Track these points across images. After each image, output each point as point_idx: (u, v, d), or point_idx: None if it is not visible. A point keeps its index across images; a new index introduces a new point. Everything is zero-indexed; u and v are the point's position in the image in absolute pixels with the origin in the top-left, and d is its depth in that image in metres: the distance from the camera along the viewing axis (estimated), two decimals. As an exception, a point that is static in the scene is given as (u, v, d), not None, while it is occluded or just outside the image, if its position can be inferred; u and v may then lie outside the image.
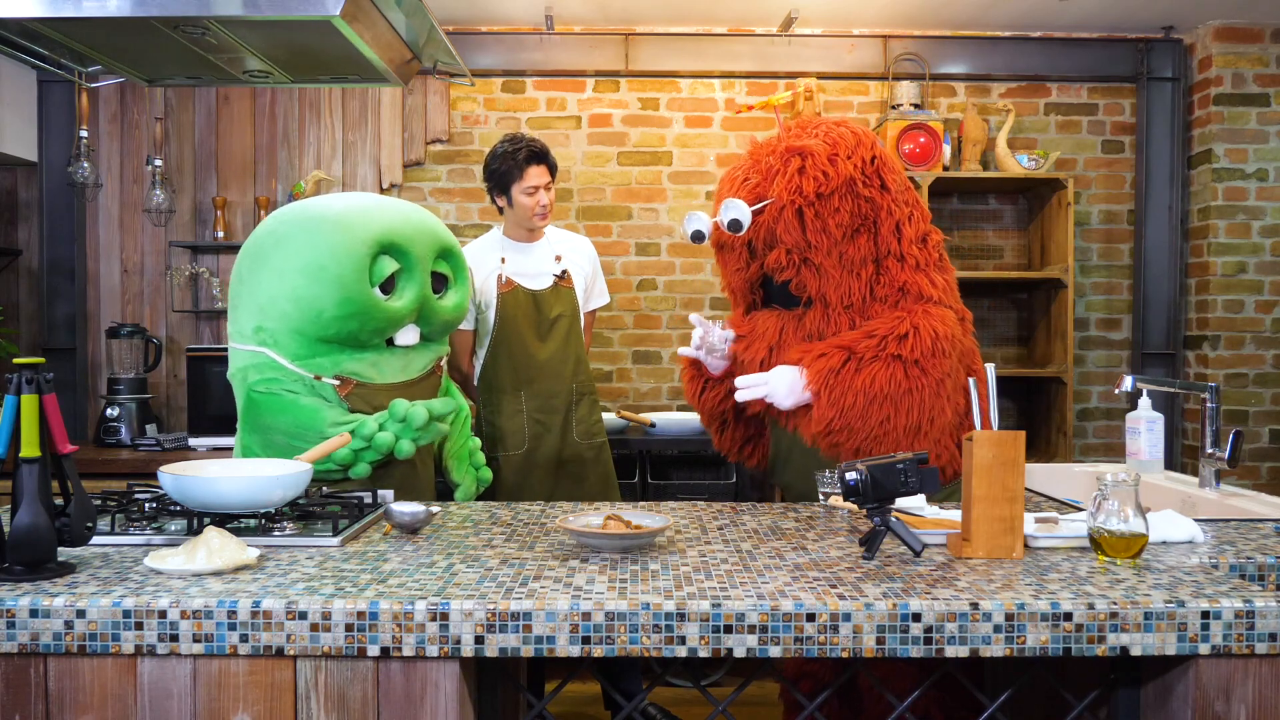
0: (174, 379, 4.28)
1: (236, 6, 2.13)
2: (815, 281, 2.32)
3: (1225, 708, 1.43)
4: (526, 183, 3.01)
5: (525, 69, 4.30)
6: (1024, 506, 1.70)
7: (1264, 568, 1.70)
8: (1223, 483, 2.40)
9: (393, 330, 2.41)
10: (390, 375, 2.42)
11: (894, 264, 2.32)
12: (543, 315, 3.07)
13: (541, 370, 3.05)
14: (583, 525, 1.76)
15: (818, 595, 1.44)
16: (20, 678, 1.41)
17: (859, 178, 2.28)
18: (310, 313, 2.29)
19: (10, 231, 4.29)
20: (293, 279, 2.30)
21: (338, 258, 2.29)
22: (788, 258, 2.31)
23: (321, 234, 2.32)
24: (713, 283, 4.35)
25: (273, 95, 4.27)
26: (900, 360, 2.21)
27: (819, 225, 2.27)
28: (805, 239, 2.28)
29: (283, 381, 2.34)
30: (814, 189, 2.26)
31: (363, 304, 2.31)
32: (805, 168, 2.28)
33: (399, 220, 2.41)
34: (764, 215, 2.30)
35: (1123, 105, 4.38)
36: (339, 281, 2.28)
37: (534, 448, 3.05)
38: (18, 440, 1.50)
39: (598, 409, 3.18)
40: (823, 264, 2.29)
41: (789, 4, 3.94)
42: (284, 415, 2.33)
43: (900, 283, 2.32)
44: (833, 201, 2.27)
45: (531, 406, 3.05)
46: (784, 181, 2.29)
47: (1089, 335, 4.41)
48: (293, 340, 2.33)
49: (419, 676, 1.41)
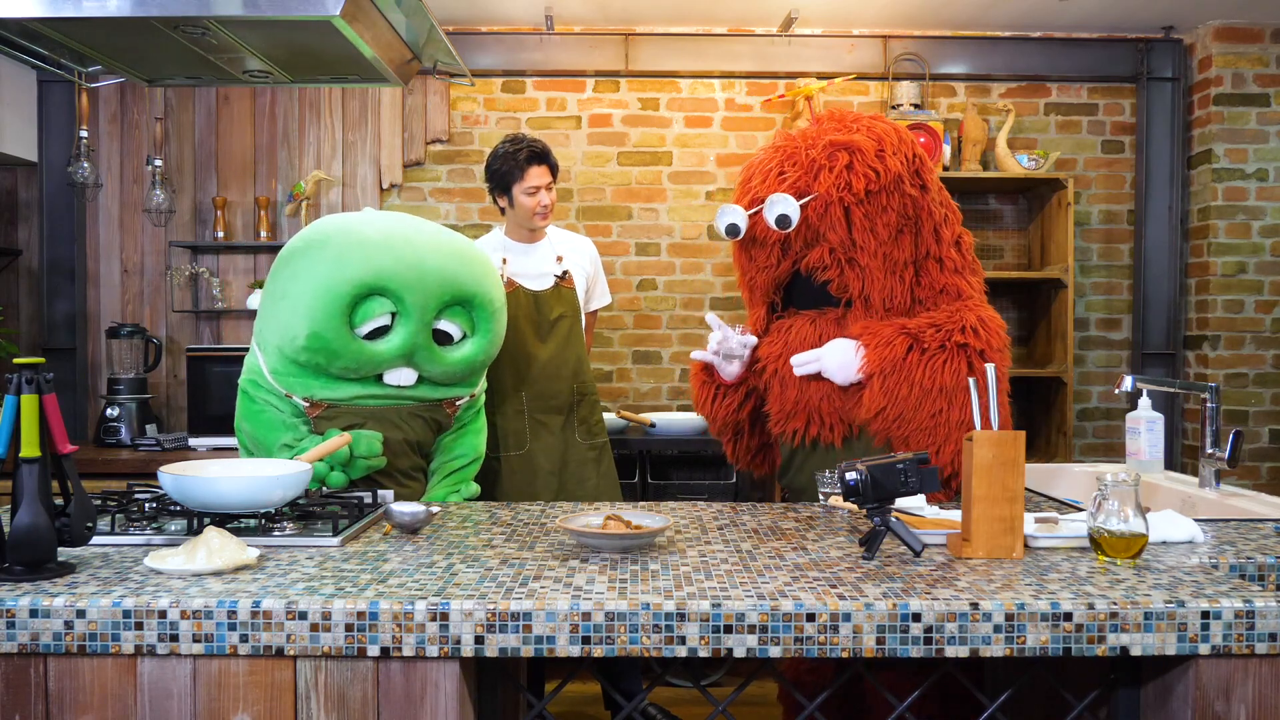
0: (174, 379, 4.28)
1: (236, 6, 2.13)
2: (859, 282, 2.24)
3: (1225, 708, 1.43)
4: (527, 183, 3.00)
5: (525, 69, 4.30)
6: (1024, 506, 1.70)
7: (1264, 568, 1.70)
8: (1223, 483, 2.40)
9: (372, 370, 2.37)
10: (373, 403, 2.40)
11: (933, 265, 2.26)
12: (543, 316, 3.07)
13: (542, 371, 3.05)
14: (583, 525, 1.76)
15: (818, 595, 1.44)
16: (20, 678, 1.41)
17: (906, 175, 2.20)
18: (286, 336, 2.33)
19: (10, 231, 4.29)
20: (287, 299, 2.34)
21: (317, 292, 2.29)
22: (831, 257, 2.23)
23: (320, 262, 2.32)
24: (713, 283, 4.35)
25: (273, 95, 4.27)
26: (966, 350, 2.14)
27: (867, 225, 2.18)
28: (851, 238, 2.19)
29: (260, 388, 2.40)
30: (863, 186, 2.17)
31: (330, 343, 2.29)
32: (854, 164, 2.18)
33: (403, 262, 2.33)
34: (806, 211, 2.20)
35: (1123, 105, 4.38)
36: (310, 315, 2.29)
37: (535, 448, 3.05)
38: (18, 440, 1.50)
39: (599, 409, 3.17)
40: (868, 265, 2.21)
41: (789, 4, 3.94)
42: (248, 421, 2.41)
43: (940, 285, 2.26)
44: (881, 200, 2.18)
45: (532, 407, 3.05)
46: (831, 178, 2.18)
47: (1089, 335, 4.41)
48: (273, 354, 2.37)
49: (419, 676, 1.41)
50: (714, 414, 2.50)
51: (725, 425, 2.51)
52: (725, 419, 2.49)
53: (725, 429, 2.52)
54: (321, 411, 2.36)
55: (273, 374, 2.37)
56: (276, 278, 2.41)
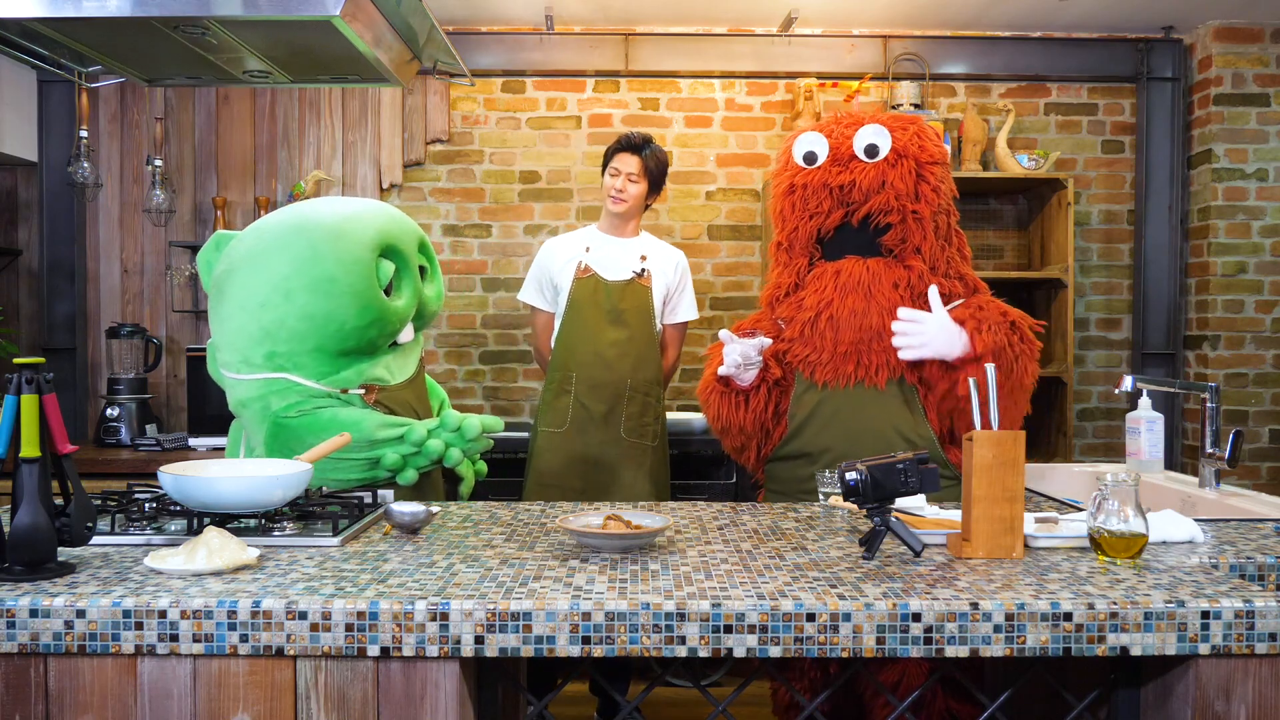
0: (174, 379, 4.28)
1: (236, 6, 2.13)
2: (919, 233, 2.38)
3: (1225, 708, 1.43)
4: (612, 165, 3.16)
5: (525, 69, 4.30)
6: (1024, 506, 1.70)
7: (1264, 568, 1.70)
8: (1223, 483, 2.40)
9: (401, 330, 2.41)
10: (400, 375, 2.42)
11: (956, 254, 2.44)
12: (611, 305, 3.12)
13: (597, 357, 3.09)
14: (583, 525, 1.76)
15: (818, 595, 1.44)
16: (20, 678, 1.40)
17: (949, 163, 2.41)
18: (329, 328, 2.20)
19: (10, 231, 4.29)
20: (300, 297, 2.18)
21: (346, 267, 2.21)
22: (897, 202, 2.35)
23: (321, 244, 2.23)
24: (713, 283, 4.35)
25: (273, 95, 4.27)
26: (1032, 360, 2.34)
27: (929, 187, 2.36)
28: (915, 191, 2.35)
29: (313, 401, 2.24)
30: (929, 155, 2.36)
31: (380, 311, 2.27)
32: (922, 132, 2.39)
33: (388, 220, 2.39)
34: (879, 160, 2.36)
35: (1123, 105, 4.38)
36: (353, 292, 2.21)
37: (573, 431, 3.09)
38: (18, 440, 1.50)
39: (654, 412, 3.15)
40: (925, 221, 2.37)
41: (789, 4, 3.94)
42: (326, 433, 2.18)
43: (959, 272, 2.43)
44: (938, 171, 2.38)
45: (579, 390, 3.09)
46: (906, 137, 2.36)
47: (1089, 335, 4.41)
48: (312, 359, 2.22)
49: (419, 676, 1.41)
50: (742, 422, 2.48)
51: (756, 429, 2.49)
52: (755, 422, 2.48)
53: (755, 433, 2.50)
54: (377, 396, 2.34)
55: (319, 379, 2.24)
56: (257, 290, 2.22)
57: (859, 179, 2.35)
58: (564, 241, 3.25)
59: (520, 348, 4.37)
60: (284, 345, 2.20)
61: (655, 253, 3.22)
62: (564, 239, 3.27)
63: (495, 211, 4.35)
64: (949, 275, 2.41)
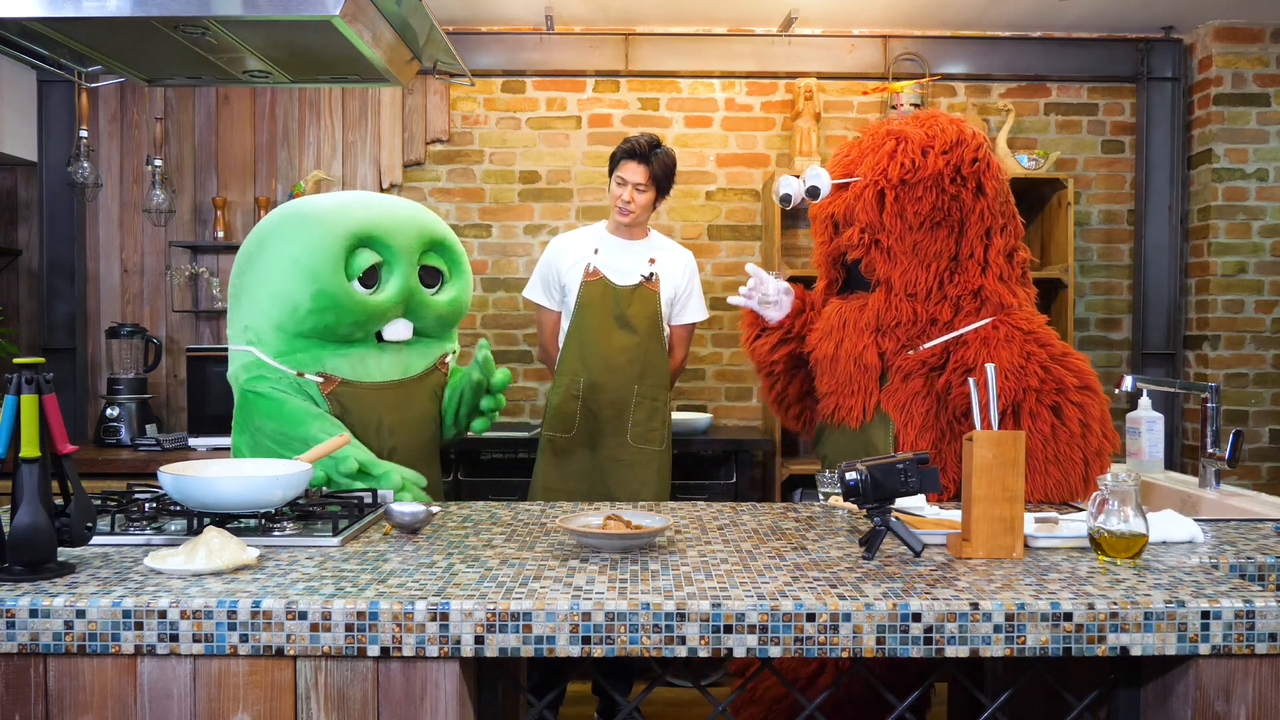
0: (174, 379, 4.28)
1: (236, 6, 2.13)
2: (884, 264, 2.35)
3: (1225, 708, 1.43)
4: (618, 174, 3.12)
5: (525, 69, 4.30)
6: (1024, 506, 1.70)
7: (1264, 568, 1.70)
8: (1223, 483, 2.40)
9: (376, 324, 2.40)
10: (380, 374, 2.41)
11: (974, 267, 2.32)
12: (620, 309, 3.10)
13: (605, 362, 3.07)
14: (582, 525, 1.76)
15: (818, 595, 1.44)
16: (20, 678, 1.40)
17: (948, 174, 2.29)
18: (287, 307, 2.32)
19: (10, 231, 4.29)
20: (274, 276, 2.34)
21: (312, 251, 2.32)
22: (860, 235, 2.35)
23: (301, 230, 2.37)
24: (713, 283, 4.35)
25: (273, 95, 4.27)
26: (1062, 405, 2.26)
27: (896, 209, 2.31)
28: (880, 220, 2.32)
29: (270, 380, 2.35)
30: (899, 174, 2.30)
31: (335, 296, 2.32)
32: (897, 152, 2.33)
33: (379, 213, 2.44)
34: (848, 191, 2.36)
35: (1123, 105, 4.37)
36: (311, 274, 2.31)
37: (580, 436, 3.08)
38: (18, 440, 1.50)
39: (660, 417, 3.14)
40: (893, 248, 2.33)
41: (789, 4, 3.94)
42: (272, 419, 2.31)
43: (976, 287, 2.31)
44: (916, 190, 2.30)
45: (587, 394, 3.08)
46: (873, 161, 2.35)
47: (1089, 335, 4.41)
48: (274, 336, 2.35)
49: (419, 676, 1.41)
50: (753, 351, 2.65)
51: (761, 365, 2.65)
52: (762, 359, 2.64)
53: (761, 368, 2.66)
54: (335, 388, 2.35)
55: (278, 358, 2.35)
56: (252, 265, 2.41)
57: (835, 212, 2.41)
58: (572, 240, 3.22)
59: (520, 348, 4.36)
60: (255, 320, 2.37)
61: (664, 254, 3.20)
62: (572, 237, 3.24)
63: (495, 211, 4.35)
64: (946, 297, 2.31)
